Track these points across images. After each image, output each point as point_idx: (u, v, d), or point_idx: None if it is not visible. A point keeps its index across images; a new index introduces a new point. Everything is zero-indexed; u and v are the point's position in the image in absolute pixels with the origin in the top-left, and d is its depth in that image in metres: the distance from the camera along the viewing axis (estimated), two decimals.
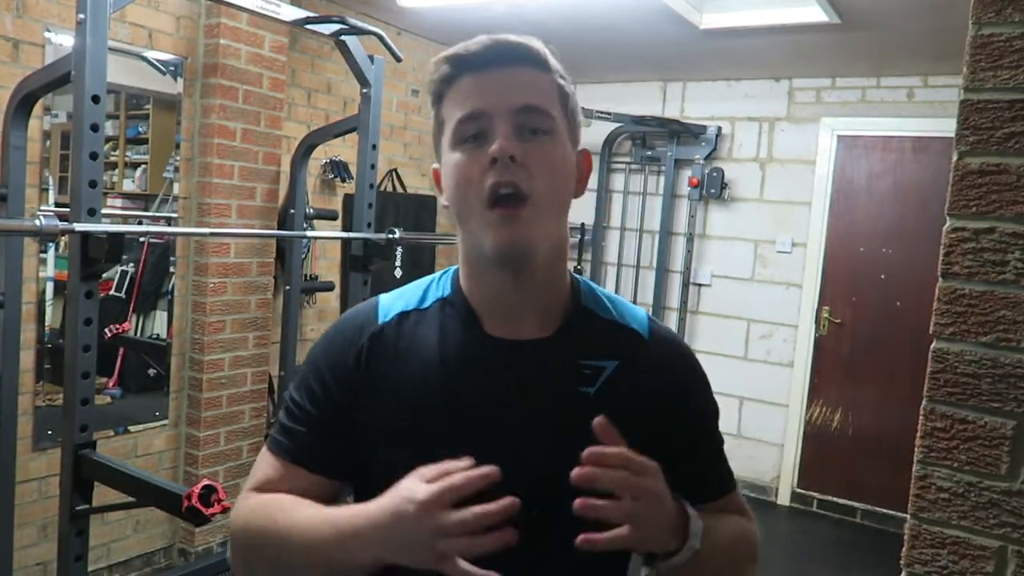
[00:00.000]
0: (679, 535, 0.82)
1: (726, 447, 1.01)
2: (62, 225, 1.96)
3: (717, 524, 0.90)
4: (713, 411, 0.99)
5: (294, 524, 0.83)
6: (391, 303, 0.94)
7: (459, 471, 0.74)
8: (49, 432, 2.72)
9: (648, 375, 0.92)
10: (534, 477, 0.81)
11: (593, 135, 4.71)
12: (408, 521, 0.74)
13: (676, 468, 0.88)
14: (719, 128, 4.58)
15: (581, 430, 0.82)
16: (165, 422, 3.16)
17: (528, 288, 0.89)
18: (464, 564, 0.73)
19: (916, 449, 0.76)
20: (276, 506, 0.87)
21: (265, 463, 0.92)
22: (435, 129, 0.91)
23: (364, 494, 0.86)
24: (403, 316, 0.92)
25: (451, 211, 0.89)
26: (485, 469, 0.74)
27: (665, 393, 0.92)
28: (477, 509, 0.72)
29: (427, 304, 0.93)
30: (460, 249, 0.92)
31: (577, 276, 0.97)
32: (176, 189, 3.10)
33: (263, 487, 0.91)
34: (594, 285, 0.99)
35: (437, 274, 0.97)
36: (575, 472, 0.74)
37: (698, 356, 1.02)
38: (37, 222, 1.92)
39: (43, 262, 2.70)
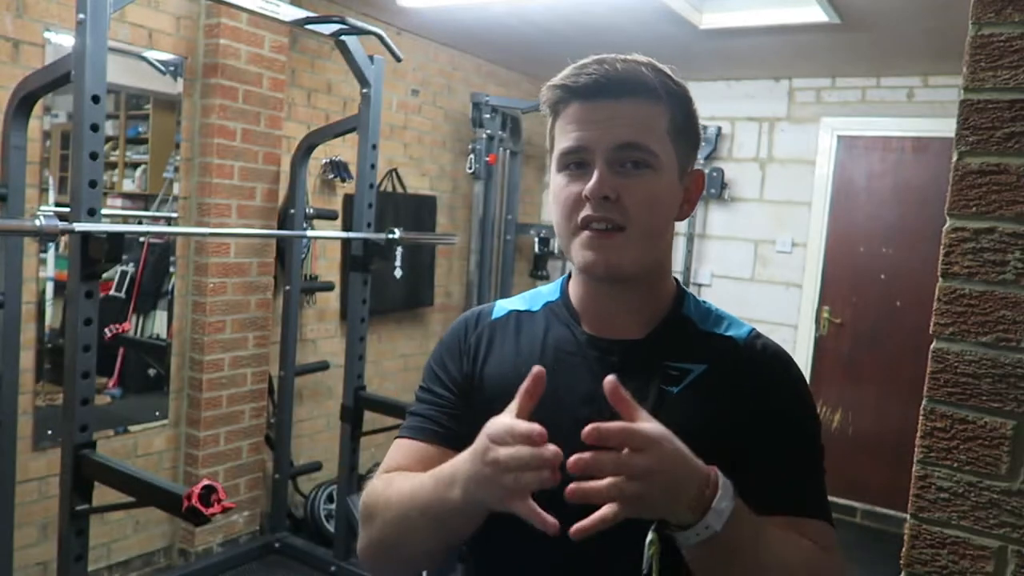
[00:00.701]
0: (695, 509, 0.75)
1: None
2: (62, 225, 1.96)
3: (772, 529, 0.83)
4: (805, 422, 0.94)
5: (406, 484, 0.90)
6: (505, 304, 1.05)
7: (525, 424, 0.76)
8: (49, 432, 2.72)
9: (737, 378, 0.92)
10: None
11: None
12: (477, 456, 0.77)
13: (757, 476, 0.86)
14: (719, 128, 4.59)
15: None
16: (165, 422, 3.16)
17: (623, 297, 0.95)
18: (530, 504, 0.74)
19: (916, 449, 0.76)
20: (396, 475, 0.94)
21: (399, 450, 0.99)
22: (549, 143, 0.96)
23: None
24: (514, 314, 1.02)
25: (554, 224, 0.95)
26: (535, 427, 0.75)
27: (752, 395, 0.91)
28: (529, 448, 0.73)
29: (537, 307, 1.02)
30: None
31: (687, 290, 1.02)
32: (176, 189, 3.10)
33: (392, 468, 0.97)
34: (703, 300, 1.02)
35: (553, 283, 1.06)
36: (570, 461, 0.72)
37: None
38: (37, 222, 1.92)
39: (43, 262, 2.70)
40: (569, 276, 1.02)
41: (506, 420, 0.77)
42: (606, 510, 0.72)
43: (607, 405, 0.84)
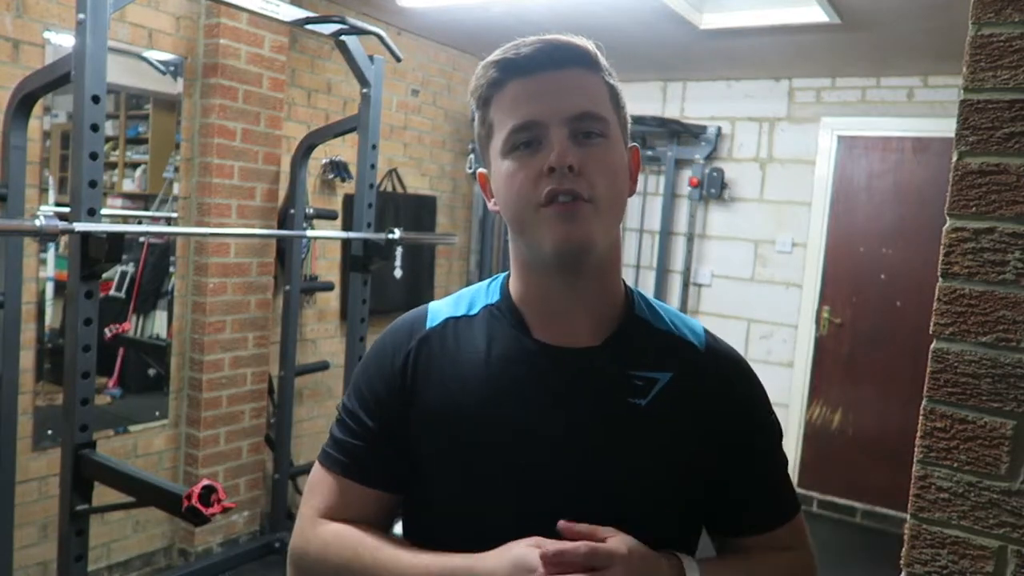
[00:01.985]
0: None
1: None
2: (62, 225, 1.96)
3: (744, 569, 0.88)
4: (773, 431, 0.94)
5: (382, 566, 0.83)
6: (439, 309, 0.94)
7: (574, 551, 0.75)
8: (49, 432, 2.72)
9: (704, 389, 0.88)
10: (575, 486, 0.83)
11: None
12: (517, 567, 0.76)
13: (728, 489, 0.88)
14: (719, 128, 4.58)
15: (631, 442, 0.84)
16: (165, 422, 3.16)
17: (581, 292, 0.87)
18: None
19: (916, 449, 0.76)
20: (356, 541, 0.85)
21: (324, 484, 0.91)
22: (482, 133, 0.88)
23: (411, 496, 0.90)
24: (450, 322, 0.91)
25: (503, 217, 0.87)
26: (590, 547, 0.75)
27: (722, 409, 0.88)
28: None
29: (475, 311, 0.92)
30: (512, 255, 0.90)
31: (631, 287, 0.95)
32: (176, 189, 3.10)
33: (328, 512, 0.89)
34: (648, 296, 0.96)
35: (487, 281, 0.96)
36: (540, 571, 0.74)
37: None
38: (37, 222, 1.92)
39: (43, 262, 2.70)
40: (507, 277, 0.93)
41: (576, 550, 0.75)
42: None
43: (569, 418, 0.85)
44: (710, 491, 0.86)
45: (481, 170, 0.92)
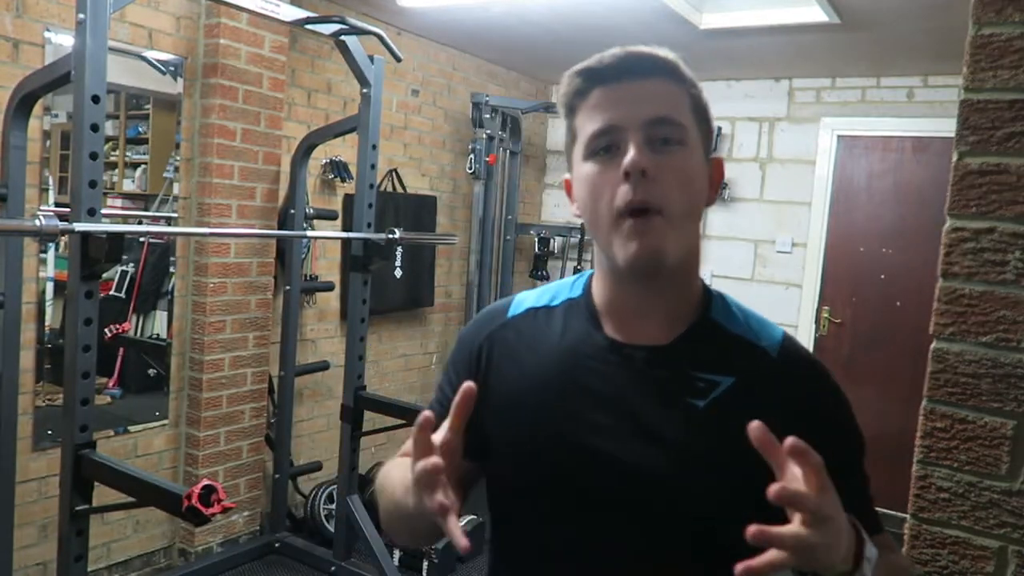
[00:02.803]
0: (850, 560, 0.72)
1: None
2: (62, 225, 1.96)
3: (886, 559, 0.82)
4: (851, 440, 0.89)
5: (394, 478, 0.92)
6: (523, 299, 1.00)
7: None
8: (49, 432, 2.72)
9: (769, 394, 0.86)
10: (625, 479, 0.84)
11: None
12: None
13: None
14: (719, 128, 4.58)
15: (682, 443, 0.84)
16: (165, 422, 3.16)
17: (654, 295, 0.89)
18: (449, 521, 0.72)
19: (916, 449, 0.76)
20: (396, 463, 0.96)
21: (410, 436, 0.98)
22: (567, 140, 0.92)
23: (485, 472, 0.95)
24: (532, 311, 0.98)
25: (583, 220, 0.90)
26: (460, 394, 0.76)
27: (787, 416, 0.80)
28: (422, 463, 0.73)
29: (556, 303, 0.97)
30: (595, 254, 0.94)
31: (715, 290, 0.95)
32: (176, 189, 3.10)
33: (403, 453, 0.97)
34: (732, 299, 0.96)
35: (574, 276, 1.01)
36: (772, 490, 0.66)
37: None
38: (37, 222, 1.92)
39: (43, 262, 2.70)
40: (592, 275, 0.97)
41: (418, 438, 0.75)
42: (774, 555, 0.66)
43: (626, 410, 0.87)
44: (772, 505, 0.77)
45: (567, 176, 0.95)
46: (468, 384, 0.77)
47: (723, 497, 0.84)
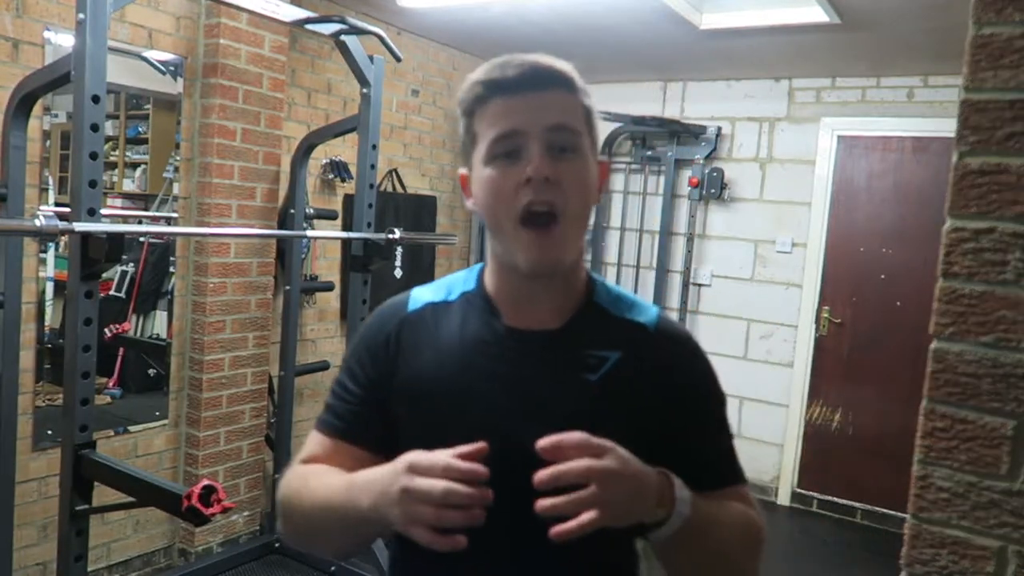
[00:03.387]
0: (665, 503, 0.84)
1: None
2: (62, 225, 1.96)
3: (716, 502, 0.93)
4: (717, 400, 1.01)
5: (321, 484, 0.94)
6: (420, 294, 1.04)
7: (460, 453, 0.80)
8: (49, 432, 2.72)
9: (650, 364, 0.97)
10: (532, 453, 0.84)
11: None
12: (390, 477, 0.82)
13: (677, 454, 0.93)
14: (719, 128, 4.58)
15: (581, 414, 0.90)
16: (165, 422, 3.16)
17: (545, 290, 0.97)
18: (427, 534, 0.77)
19: (916, 449, 0.76)
20: (312, 472, 0.98)
21: (312, 440, 1.03)
22: (466, 139, 0.96)
23: (391, 460, 0.95)
24: (430, 306, 1.02)
25: (482, 217, 0.96)
26: (473, 448, 0.80)
27: (666, 381, 0.96)
28: (447, 484, 0.77)
29: (453, 297, 1.02)
30: (488, 249, 1.00)
31: (595, 276, 1.04)
32: (176, 189, 3.10)
33: (309, 460, 1.01)
34: (611, 285, 1.05)
35: (465, 271, 1.06)
36: (538, 476, 0.77)
37: None
38: (37, 222, 1.92)
39: (43, 262, 2.70)
40: (483, 268, 1.03)
41: (442, 456, 0.79)
42: (586, 516, 0.76)
43: (527, 390, 0.93)
44: (660, 459, 0.89)
45: (463, 171, 0.99)
46: (481, 444, 0.80)
47: None
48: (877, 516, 4.24)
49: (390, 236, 3.03)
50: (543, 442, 0.79)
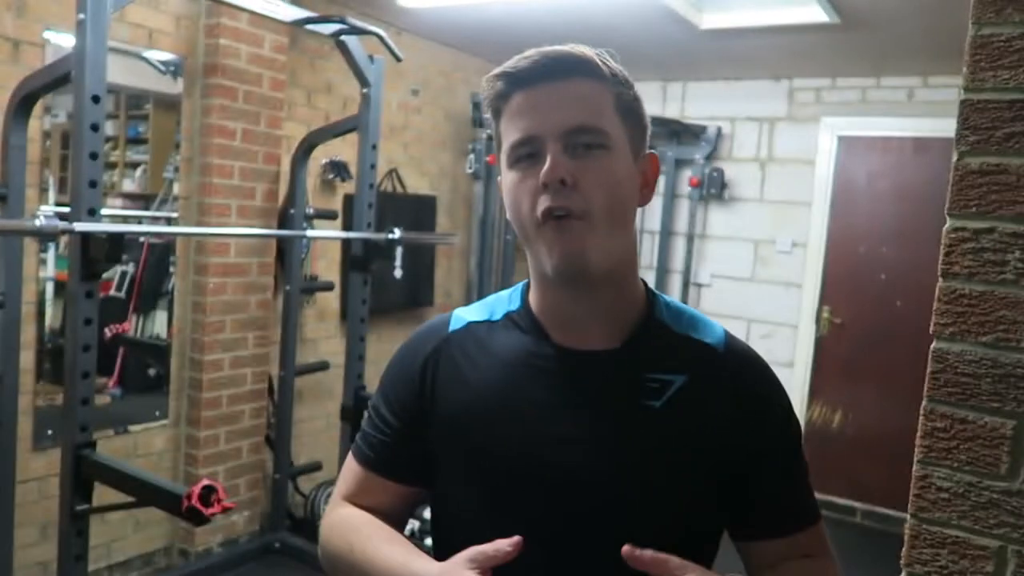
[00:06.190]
0: None
1: None
2: (62, 225, 1.96)
3: (795, 563, 0.88)
4: (791, 433, 0.93)
5: (366, 559, 0.89)
6: (463, 314, 0.97)
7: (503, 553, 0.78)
8: (49, 432, 2.72)
9: (719, 391, 0.89)
10: (589, 488, 0.84)
11: None
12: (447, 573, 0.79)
13: (749, 491, 0.88)
14: (719, 128, 4.58)
15: (644, 444, 0.85)
16: (165, 422, 3.16)
17: (592, 300, 0.88)
18: None
19: (916, 449, 0.76)
20: (354, 528, 0.93)
21: (350, 472, 0.99)
22: (496, 144, 0.92)
23: (435, 490, 0.94)
24: (472, 326, 0.95)
25: (514, 227, 0.89)
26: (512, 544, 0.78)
27: (737, 411, 0.88)
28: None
29: (497, 317, 0.95)
30: (528, 263, 0.92)
31: (655, 290, 0.96)
32: (176, 189, 3.10)
33: (350, 497, 0.98)
34: (672, 300, 0.97)
35: (509, 289, 0.99)
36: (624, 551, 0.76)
37: None
38: (37, 222, 1.92)
39: (43, 262, 2.70)
40: (528, 285, 0.95)
41: (491, 550, 0.78)
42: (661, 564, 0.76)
43: (577, 421, 0.86)
44: (727, 493, 0.86)
45: (500, 178, 0.94)
46: (517, 539, 0.78)
47: (688, 490, 0.87)
48: (877, 516, 4.24)
49: (390, 236, 3.03)
50: (626, 551, 0.77)
